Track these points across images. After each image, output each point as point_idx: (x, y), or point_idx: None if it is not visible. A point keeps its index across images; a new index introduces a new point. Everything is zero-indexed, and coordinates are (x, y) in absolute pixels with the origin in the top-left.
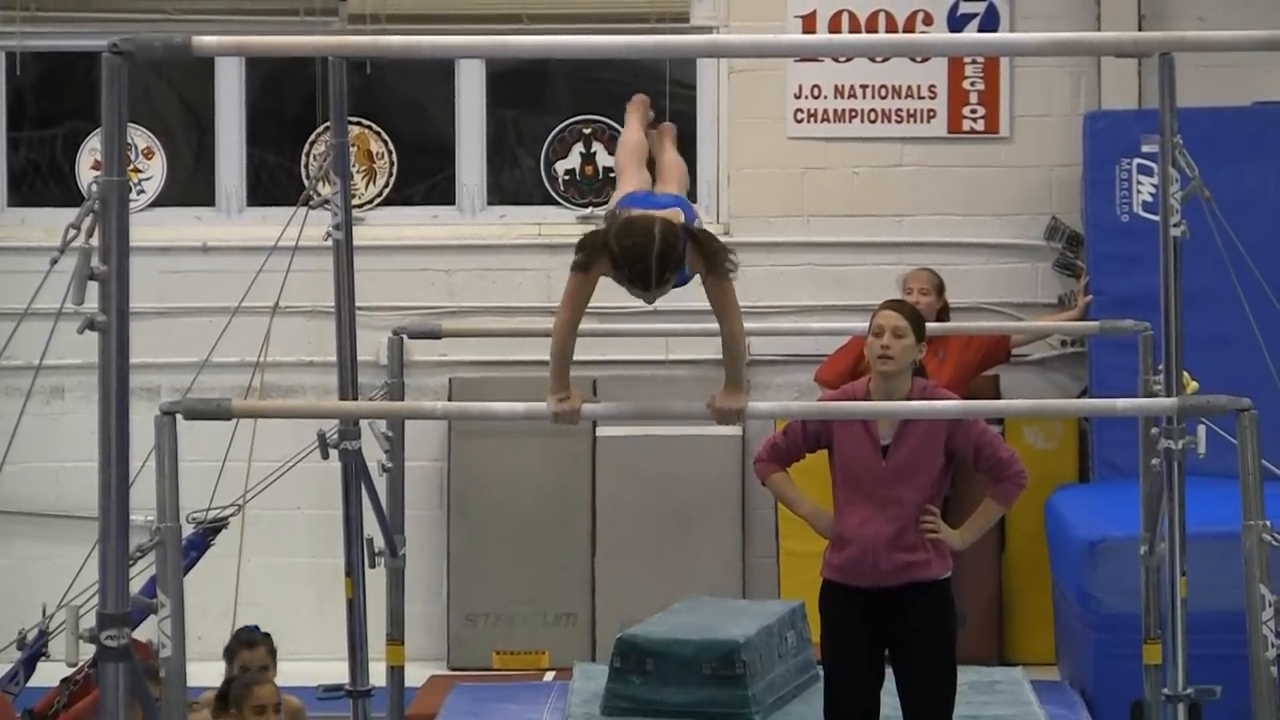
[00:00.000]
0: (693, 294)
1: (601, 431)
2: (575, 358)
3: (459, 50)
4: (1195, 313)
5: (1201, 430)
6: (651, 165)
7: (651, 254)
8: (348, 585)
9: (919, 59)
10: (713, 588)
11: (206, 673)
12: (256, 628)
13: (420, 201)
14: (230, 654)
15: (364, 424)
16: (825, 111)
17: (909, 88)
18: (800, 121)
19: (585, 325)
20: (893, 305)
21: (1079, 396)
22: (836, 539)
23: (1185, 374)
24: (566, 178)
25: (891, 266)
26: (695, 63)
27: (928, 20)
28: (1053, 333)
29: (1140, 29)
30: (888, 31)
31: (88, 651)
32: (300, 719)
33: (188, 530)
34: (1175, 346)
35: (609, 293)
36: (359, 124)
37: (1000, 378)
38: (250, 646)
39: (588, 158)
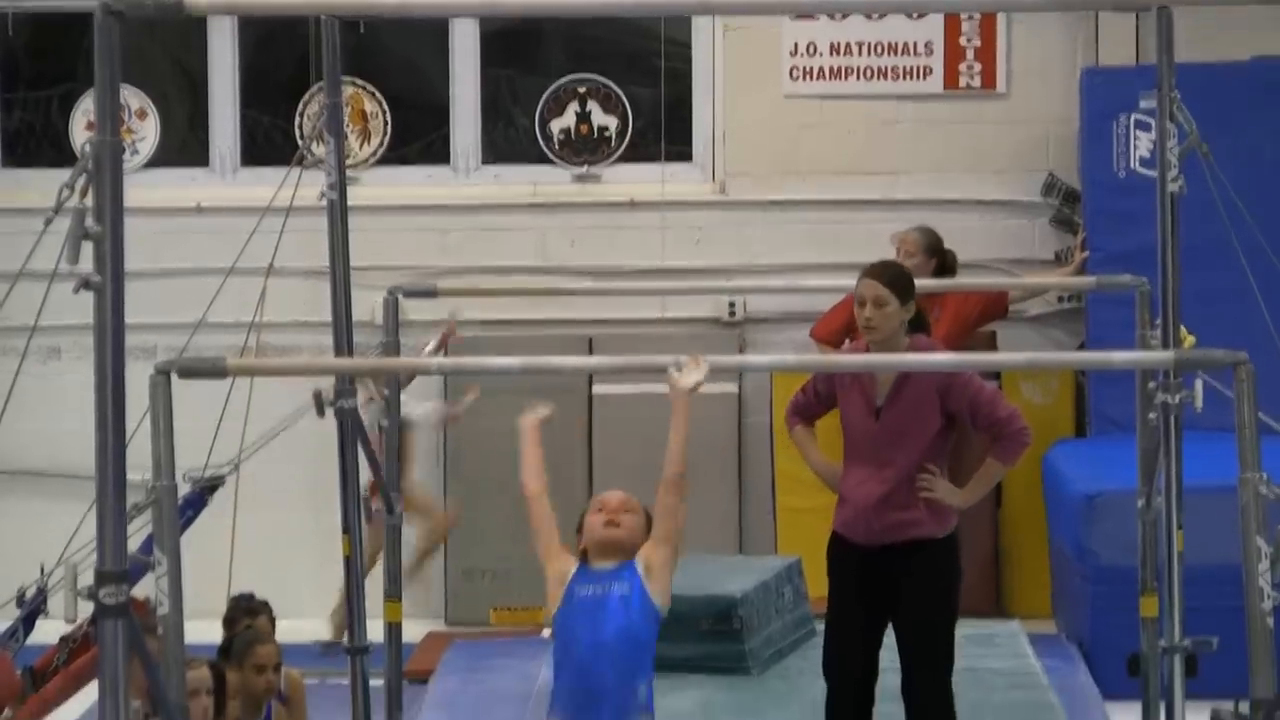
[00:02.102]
0: (689, 252)
1: (597, 389)
2: (571, 316)
3: (453, 9)
4: (1192, 268)
5: (1198, 384)
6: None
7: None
8: (345, 543)
9: (914, 15)
10: (709, 544)
11: (203, 630)
12: (253, 595)
13: (415, 161)
14: (231, 623)
15: (359, 382)
16: (821, 69)
17: (905, 45)
18: (796, 79)
19: (581, 284)
20: (873, 272)
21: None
22: (840, 497)
23: (1182, 329)
24: (561, 137)
25: (888, 224)
26: (690, 21)
27: None
28: (1050, 289)
29: None
30: None
31: (86, 610)
32: (299, 694)
33: (184, 489)
34: (1172, 301)
35: (604, 251)
36: (353, 84)
37: (997, 333)
38: (252, 614)
39: (583, 117)
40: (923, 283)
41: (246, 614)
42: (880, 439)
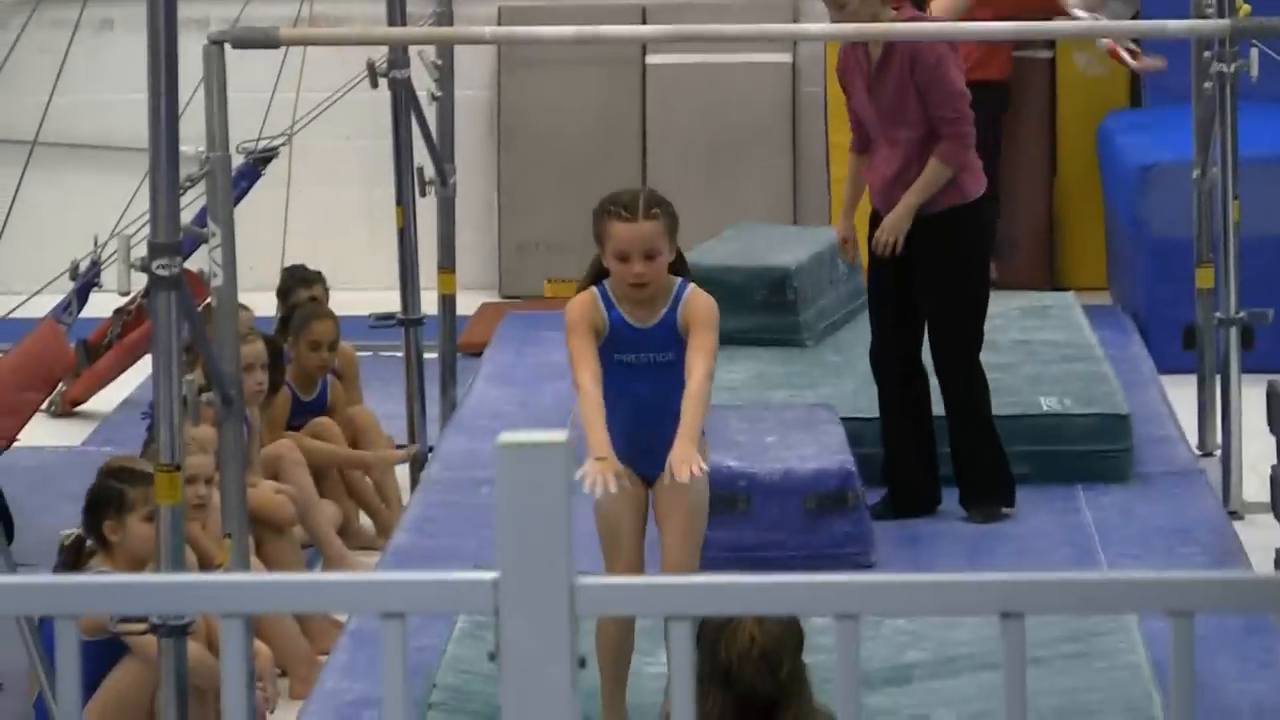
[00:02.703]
0: None
1: (651, 59)
2: None
3: None
4: None
5: (1254, 53)
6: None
7: (639, 191)
8: (398, 214)
9: None
10: (763, 215)
11: (256, 302)
12: (304, 266)
13: None
14: (286, 294)
15: (413, 53)
16: None
17: None
18: None
19: None
20: None
21: None
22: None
23: None
24: None
25: None
26: None
27: None
28: None
29: None
30: None
31: (139, 282)
32: (352, 368)
33: (238, 161)
34: None
35: None
36: None
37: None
38: (307, 284)
39: None
40: None
41: (302, 284)
42: (880, 116)
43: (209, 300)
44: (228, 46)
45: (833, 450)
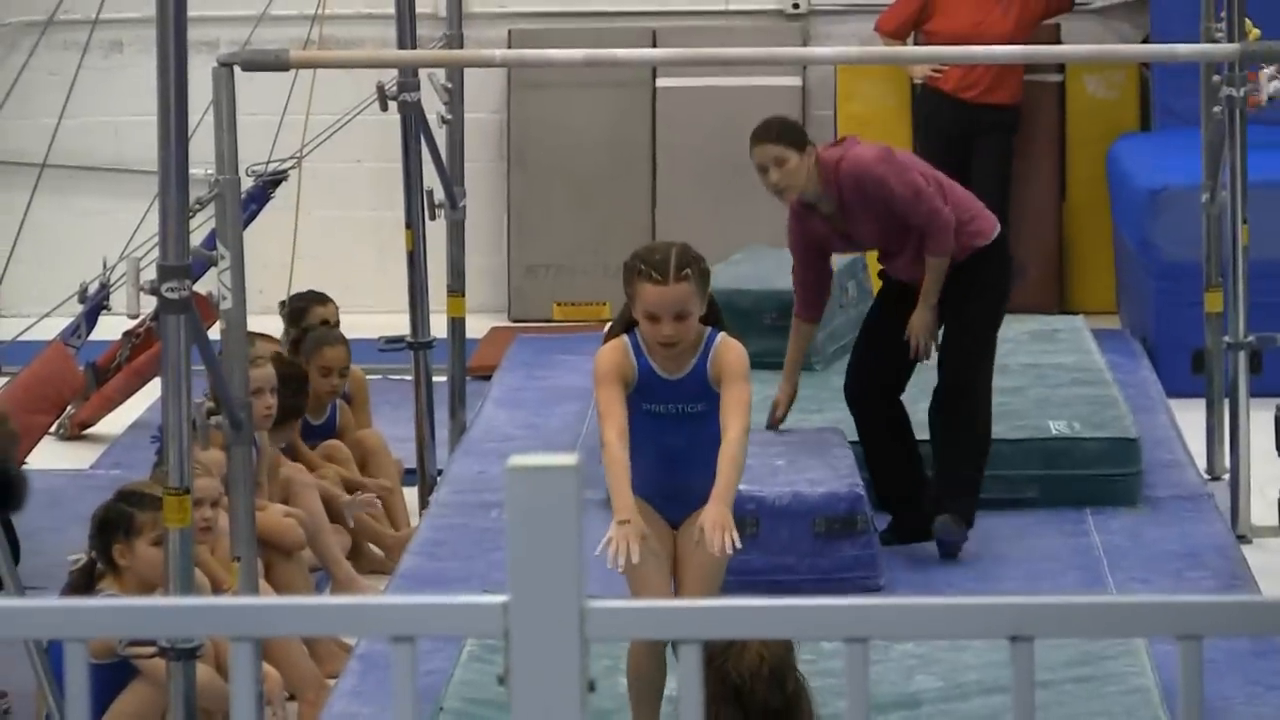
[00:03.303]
0: None
1: (661, 82)
2: (634, 8)
3: None
4: None
5: (1263, 76)
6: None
7: (671, 250)
8: (408, 237)
9: None
10: (772, 239)
11: (265, 325)
12: (314, 292)
13: None
14: (300, 313)
15: (423, 75)
16: None
17: None
18: None
19: None
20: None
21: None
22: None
23: (1247, 21)
24: None
25: None
26: None
27: None
28: None
29: None
30: None
31: (148, 304)
32: (362, 392)
33: (247, 183)
34: None
35: None
36: None
37: (1061, 26)
38: (323, 303)
39: None
40: None
41: (318, 302)
42: (878, 240)
43: (217, 322)
44: (237, 69)
45: (842, 474)
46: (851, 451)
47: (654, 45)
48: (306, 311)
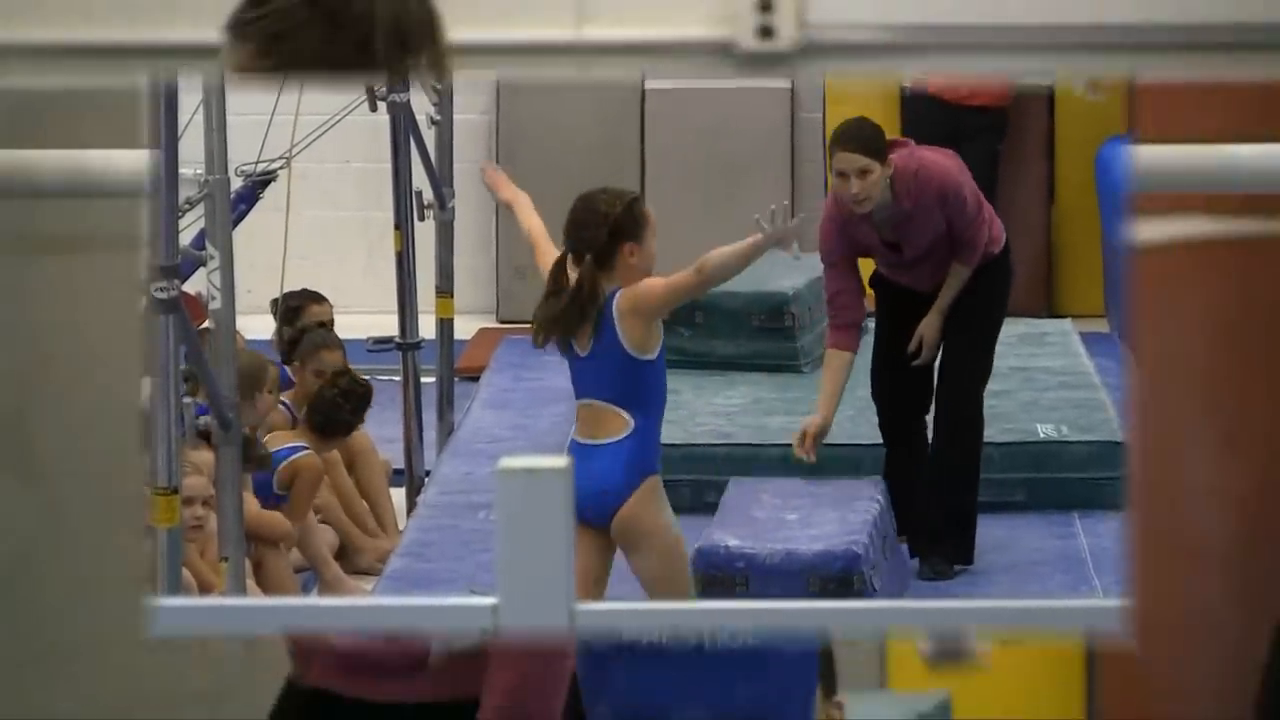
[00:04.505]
0: None
1: (650, 84)
2: None
3: None
4: None
5: None
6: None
7: None
8: (397, 238)
9: None
10: None
11: (254, 326)
12: (304, 291)
13: None
14: (294, 311)
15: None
16: None
17: None
18: None
19: None
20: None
21: None
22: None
23: None
24: None
25: None
26: None
27: None
28: None
29: None
30: None
31: None
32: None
33: (236, 184)
34: None
35: None
36: None
37: None
38: (319, 302)
39: None
40: None
41: (313, 301)
42: (915, 256)
43: (206, 323)
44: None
45: (849, 530)
46: (879, 505)
47: None
48: (302, 310)
